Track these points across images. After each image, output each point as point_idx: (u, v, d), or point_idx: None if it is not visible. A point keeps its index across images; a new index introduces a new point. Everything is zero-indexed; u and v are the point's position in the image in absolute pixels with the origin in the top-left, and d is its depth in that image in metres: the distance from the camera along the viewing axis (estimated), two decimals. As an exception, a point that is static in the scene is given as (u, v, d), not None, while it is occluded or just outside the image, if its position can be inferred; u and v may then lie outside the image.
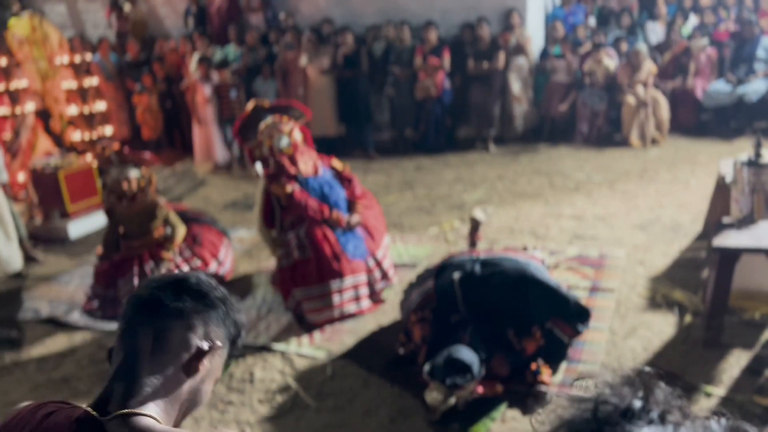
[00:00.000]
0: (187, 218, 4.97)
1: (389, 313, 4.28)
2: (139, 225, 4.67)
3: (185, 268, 4.68)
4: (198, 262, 4.74)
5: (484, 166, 7.45)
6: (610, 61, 7.79)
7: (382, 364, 3.71)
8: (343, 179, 4.57)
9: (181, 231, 4.71)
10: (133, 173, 4.62)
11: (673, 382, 0.73)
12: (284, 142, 4.40)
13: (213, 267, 4.82)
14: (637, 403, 0.68)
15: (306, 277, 4.22)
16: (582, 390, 0.71)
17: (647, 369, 0.72)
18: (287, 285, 4.29)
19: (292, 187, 4.28)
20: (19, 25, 8.35)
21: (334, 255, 4.24)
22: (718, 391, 3.23)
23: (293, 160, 4.38)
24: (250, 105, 4.71)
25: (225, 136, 8.26)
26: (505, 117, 8.24)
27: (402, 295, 3.97)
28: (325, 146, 8.55)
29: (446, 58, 7.84)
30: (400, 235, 5.56)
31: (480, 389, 3.28)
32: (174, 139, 9.31)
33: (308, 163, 4.47)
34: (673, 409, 0.67)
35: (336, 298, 4.22)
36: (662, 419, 0.67)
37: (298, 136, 4.46)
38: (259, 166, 4.41)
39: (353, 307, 4.29)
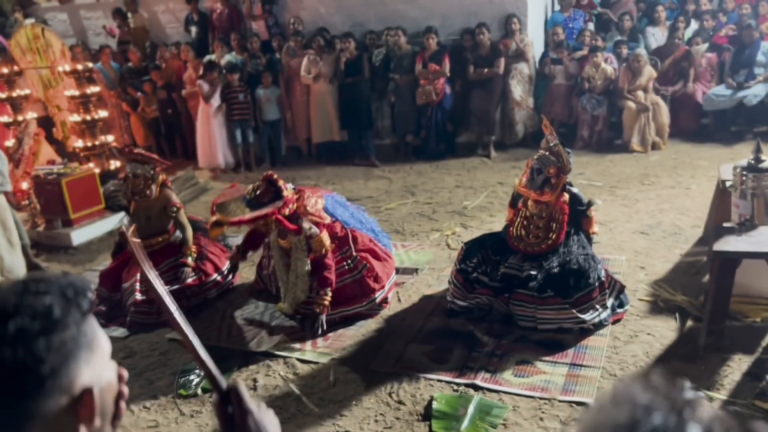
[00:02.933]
0: (197, 227, 5.00)
1: (390, 320, 4.29)
2: (146, 220, 4.73)
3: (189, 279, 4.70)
4: (199, 274, 4.75)
5: (485, 172, 7.46)
6: (607, 65, 7.82)
7: (385, 368, 3.72)
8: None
9: (190, 232, 4.76)
10: (141, 170, 4.69)
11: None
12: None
13: (216, 278, 4.83)
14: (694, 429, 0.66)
15: (385, 275, 4.44)
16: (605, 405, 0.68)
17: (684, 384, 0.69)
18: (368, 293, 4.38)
19: (326, 237, 4.24)
20: (21, 34, 8.40)
21: (385, 253, 4.58)
22: (719, 395, 3.24)
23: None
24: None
25: (233, 138, 8.38)
26: (505, 122, 8.27)
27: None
28: (326, 152, 8.65)
29: (446, 64, 7.87)
30: (401, 241, 5.58)
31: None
32: (175, 146, 9.36)
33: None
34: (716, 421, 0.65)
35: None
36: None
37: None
38: (315, 230, 4.15)
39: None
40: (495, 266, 4.10)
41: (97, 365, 0.94)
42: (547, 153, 4.04)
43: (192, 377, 3.80)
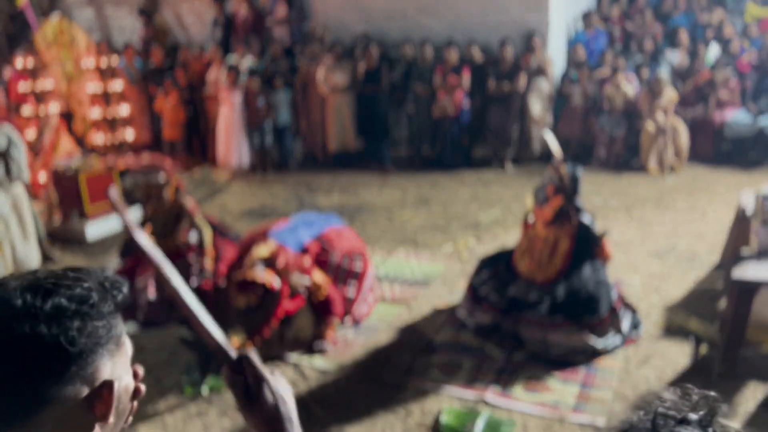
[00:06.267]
0: (213, 230, 5.01)
1: (401, 330, 4.28)
2: (162, 226, 4.76)
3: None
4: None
5: (500, 186, 7.45)
6: (628, 86, 7.80)
7: (394, 379, 3.71)
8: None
9: (208, 233, 4.78)
10: (155, 178, 4.72)
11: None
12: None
13: None
14: (693, 416, 0.75)
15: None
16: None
17: (711, 393, 0.77)
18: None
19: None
20: (47, 27, 8.51)
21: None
22: (733, 424, 3.19)
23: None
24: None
25: (251, 141, 8.43)
26: (522, 138, 8.26)
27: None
28: (342, 159, 8.66)
29: (465, 78, 7.88)
30: (414, 252, 5.57)
31: None
32: (193, 145, 9.41)
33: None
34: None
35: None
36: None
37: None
38: (306, 277, 4.07)
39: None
40: (504, 284, 4.04)
41: (120, 363, 0.93)
42: (551, 169, 4.03)
43: (195, 375, 3.80)
